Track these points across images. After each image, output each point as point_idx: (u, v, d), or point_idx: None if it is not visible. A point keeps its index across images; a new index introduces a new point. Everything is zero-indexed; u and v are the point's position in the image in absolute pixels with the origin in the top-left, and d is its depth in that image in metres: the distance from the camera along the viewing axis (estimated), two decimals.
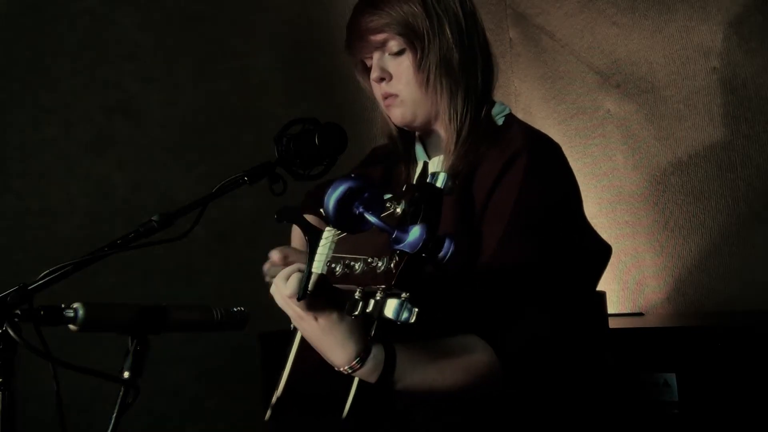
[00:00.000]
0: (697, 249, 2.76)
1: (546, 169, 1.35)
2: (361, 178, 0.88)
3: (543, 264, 1.27)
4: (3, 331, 1.09)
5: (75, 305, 1.14)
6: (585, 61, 3.04)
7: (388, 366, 1.13)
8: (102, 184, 2.29)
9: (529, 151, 1.34)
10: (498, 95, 1.52)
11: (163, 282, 2.32)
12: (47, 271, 1.18)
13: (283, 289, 1.10)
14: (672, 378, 2.08)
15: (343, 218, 0.87)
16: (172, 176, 2.40)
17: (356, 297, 0.92)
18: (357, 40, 1.44)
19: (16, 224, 2.11)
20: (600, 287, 1.49)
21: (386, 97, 1.45)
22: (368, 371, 1.12)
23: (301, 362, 1.30)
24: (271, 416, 1.35)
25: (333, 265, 1.02)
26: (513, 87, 3.32)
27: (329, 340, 1.11)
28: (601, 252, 1.41)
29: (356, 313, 0.91)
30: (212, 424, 2.40)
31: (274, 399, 1.32)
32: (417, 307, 0.88)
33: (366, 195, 0.87)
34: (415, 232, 0.87)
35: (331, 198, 0.87)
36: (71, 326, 1.14)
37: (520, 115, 1.52)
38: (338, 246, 1.04)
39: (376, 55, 1.43)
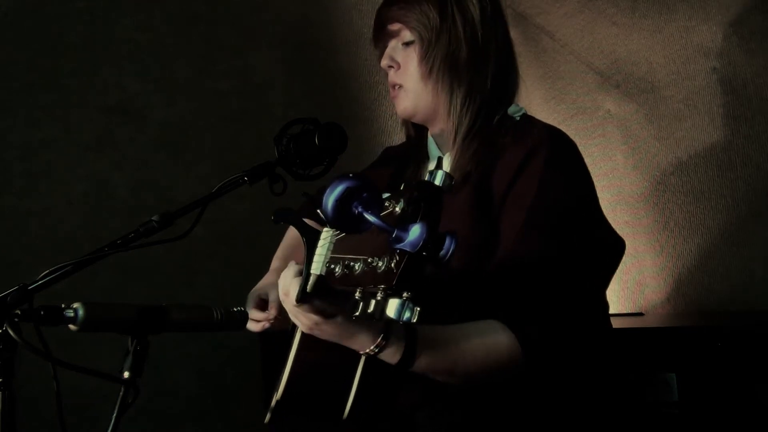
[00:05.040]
0: (697, 249, 2.76)
1: (565, 163, 1.38)
2: (360, 177, 0.87)
3: (561, 256, 1.28)
4: (3, 331, 1.09)
5: (75, 305, 1.14)
6: (585, 61, 3.04)
7: (410, 346, 1.14)
8: (102, 184, 2.29)
9: (549, 145, 1.36)
10: None
11: (163, 282, 2.32)
12: (47, 271, 1.18)
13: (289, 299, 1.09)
14: (672, 378, 2.07)
15: (342, 218, 0.86)
16: (172, 176, 2.40)
17: (356, 297, 0.92)
18: (377, 30, 1.50)
19: (16, 224, 2.11)
20: None
21: (393, 86, 1.48)
22: (391, 352, 1.13)
23: (301, 362, 1.30)
24: (270, 419, 1.35)
25: (332, 266, 1.01)
26: None
27: (347, 335, 1.12)
28: (616, 245, 1.42)
29: (357, 314, 0.90)
30: (212, 424, 2.40)
31: (273, 402, 1.32)
32: (419, 306, 0.87)
33: (365, 195, 0.86)
34: (415, 231, 0.86)
35: (330, 198, 0.85)
36: (71, 326, 1.14)
37: None
38: (337, 247, 1.02)
39: (390, 44, 1.48)
